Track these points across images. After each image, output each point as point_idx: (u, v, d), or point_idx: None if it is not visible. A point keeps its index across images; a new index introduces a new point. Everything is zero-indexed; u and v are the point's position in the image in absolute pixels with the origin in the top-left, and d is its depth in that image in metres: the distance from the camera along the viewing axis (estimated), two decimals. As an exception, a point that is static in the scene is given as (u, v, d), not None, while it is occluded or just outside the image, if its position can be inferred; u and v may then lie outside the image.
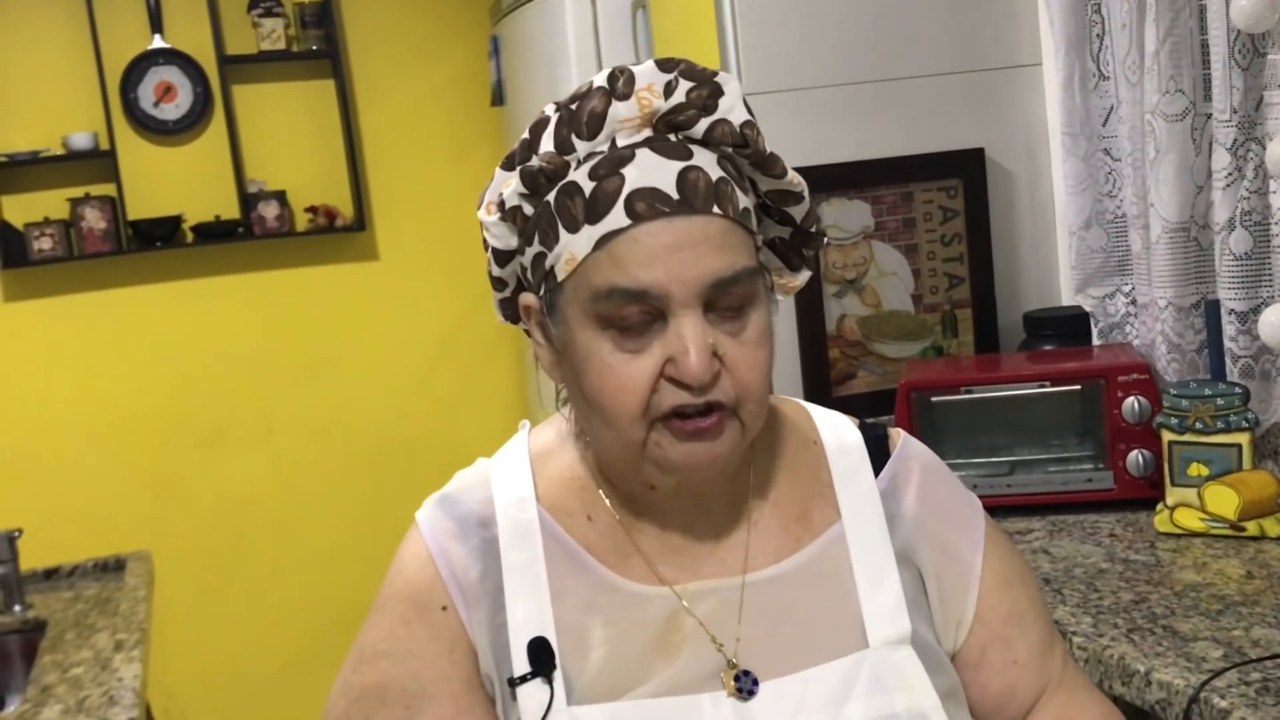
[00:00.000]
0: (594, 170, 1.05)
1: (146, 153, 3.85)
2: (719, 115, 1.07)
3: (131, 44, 3.80)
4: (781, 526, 1.17)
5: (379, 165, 4.11)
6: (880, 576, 1.15)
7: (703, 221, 1.03)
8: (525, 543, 1.13)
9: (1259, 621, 1.59)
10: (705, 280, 1.03)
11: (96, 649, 2.19)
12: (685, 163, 1.05)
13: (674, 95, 1.07)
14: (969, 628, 1.19)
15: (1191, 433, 1.98)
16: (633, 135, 1.06)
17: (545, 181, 1.07)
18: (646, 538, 1.15)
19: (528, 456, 1.19)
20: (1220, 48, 2.01)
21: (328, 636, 4.04)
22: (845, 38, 2.52)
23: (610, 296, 1.03)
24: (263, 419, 4.05)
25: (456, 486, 1.19)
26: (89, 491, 3.88)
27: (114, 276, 3.88)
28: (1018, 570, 1.24)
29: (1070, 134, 2.44)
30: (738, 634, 1.11)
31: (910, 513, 1.20)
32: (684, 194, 1.03)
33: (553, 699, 1.08)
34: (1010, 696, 1.20)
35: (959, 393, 2.21)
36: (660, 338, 1.04)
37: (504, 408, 4.21)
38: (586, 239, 1.03)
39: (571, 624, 1.11)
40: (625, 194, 1.03)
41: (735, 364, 1.05)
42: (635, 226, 1.02)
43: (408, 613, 1.14)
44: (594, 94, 1.07)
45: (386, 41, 4.09)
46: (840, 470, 1.20)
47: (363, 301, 4.12)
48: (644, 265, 1.02)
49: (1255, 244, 2.05)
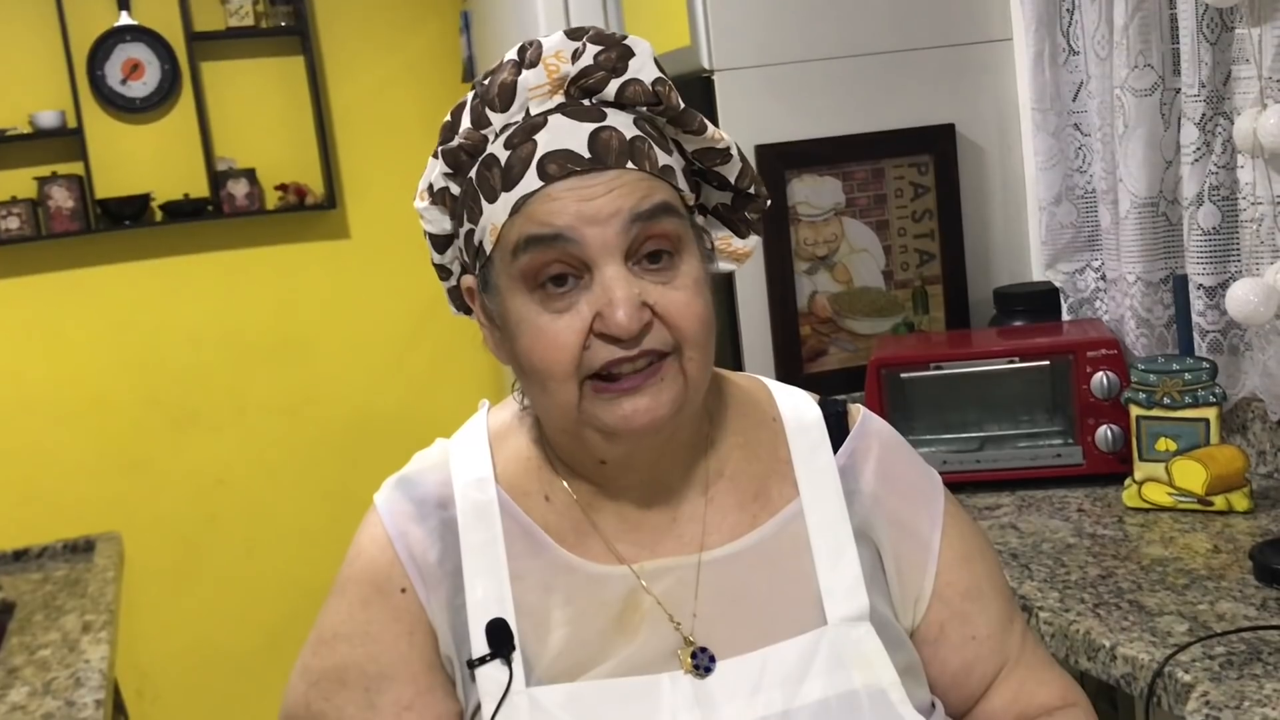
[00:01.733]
0: (509, 140, 1.06)
1: (114, 131, 3.82)
2: (629, 75, 1.08)
3: (98, 21, 3.76)
4: (738, 504, 1.17)
5: (349, 142, 4.09)
6: (838, 553, 1.15)
7: (615, 174, 1.04)
8: (484, 524, 1.13)
9: (1224, 596, 1.60)
10: (621, 218, 1.03)
11: (64, 630, 2.18)
12: (598, 124, 1.05)
13: (581, 59, 1.07)
14: (927, 603, 1.19)
15: (1159, 408, 1.98)
16: (545, 103, 1.07)
17: (466, 158, 1.09)
18: (604, 516, 1.14)
19: (486, 437, 1.19)
20: (1189, 22, 2.01)
21: (300, 616, 4.02)
22: (815, 13, 2.51)
23: (527, 246, 1.03)
24: (234, 398, 4.03)
25: (415, 468, 1.19)
26: (59, 473, 3.86)
27: (82, 256, 3.85)
28: (977, 546, 1.24)
29: (1040, 109, 2.43)
30: (694, 612, 1.11)
31: (869, 489, 1.19)
32: (595, 152, 1.04)
33: (511, 680, 1.07)
34: (968, 672, 1.20)
35: (928, 369, 2.21)
36: (587, 295, 1.03)
37: (477, 386, 4.20)
38: (504, 205, 1.04)
39: (531, 605, 1.10)
40: (538, 158, 1.03)
41: (668, 311, 1.04)
42: (546, 187, 1.03)
43: (367, 594, 1.14)
44: (504, 67, 1.09)
45: (356, 17, 4.06)
46: (799, 447, 1.20)
47: (334, 280, 4.10)
48: (556, 214, 1.02)
49: (1223, 219, 2.05)
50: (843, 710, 1.08)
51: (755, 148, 2.43)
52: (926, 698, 1.16)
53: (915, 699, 1.12)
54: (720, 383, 1.23)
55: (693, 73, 2.55)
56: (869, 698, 1.09)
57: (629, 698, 1.07)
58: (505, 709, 1.06)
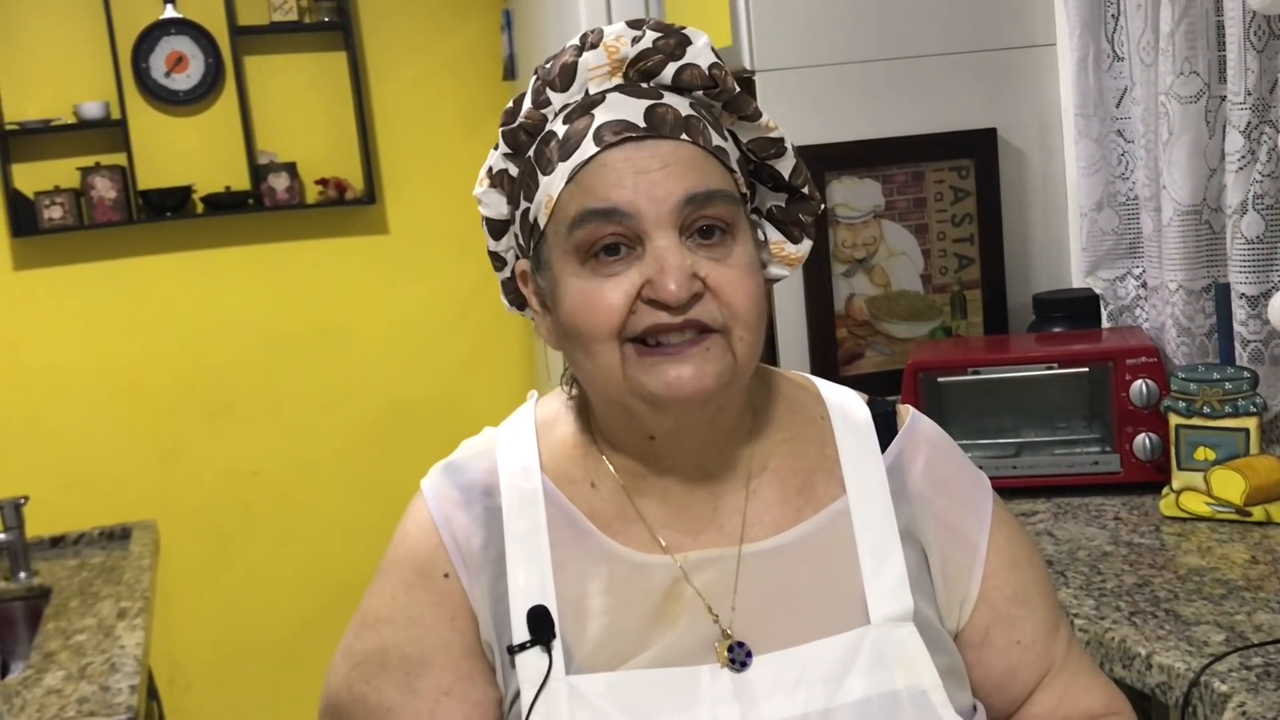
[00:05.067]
0: (567, 116, 1.09)
1: (157, 123, 3.85)
2: (687, 60, 1.10)
3: (143, 13, 3.79)
4: (782, 498, 1.16)
5: (390, 138, 4.10)
6: (884, 553, 1.15)
7: (671, 145, 1.06)
8: (528, 511, 1.13)
9: (1262, 606, 1.59)
10: (676, 196, 1.04)
11: (100, 617, 2.20)
12: (651, 101, 1.07)
13: (641, 43, 1.09)
14: (973, 606, 1.19)
15: (1199, 417, 1.97)
16: (603, 83, 1.10)
17: (525, 138, 1.11)
18: (649, 504, 1.14)
19: (533, 425, 1.20)
20: (1236, 29, 2.00)
21: (333, 608, 4.05)
22: (858, 15, 2.51)
23: (583, 221, 1.04)
24: (271, 390, 4.05)
25: (462, 455, 1.20)
26: (97, 460, 3.89)
27: (124, 246, 3.89)
28: (1025, 551, 1.23)
29: (1083, 115, 2.42)
30: (733, 605, 1.11)
31: (916, 490, 1.19)
32: (651, 123, 1.05)
33: (550, 668, 1.08)
34: (1012, 677, 1.20)
35: (965, 373, 2.20)
36: (639, 264, 1.04)
37: (512, 381, 4.21)
38: (560, 176, 1.06)
39: (572, 593, 1.11)
40: (594, 128, 1.05)
41: (720, 287, 1.05)
42: (603, 153, 1.04)
43: (410, 579, 1.15)
44: (566, 50, 1.11)
45: (398, 14, 4.07)
46: (847, 445, 1.19)
47: (372, 274, 4.12)
48: (613, 186, 1.04)
49: (1267, 228, 2.04)
50: (884, 710, 1.07)
51: (794, 149, 2.42)
52: (968, 701, 1.15)
53: (957, 702, 1.11)
54: (769, 377, 1.23)
55: (734, 73, 2.54)
56: (910, 699, 1.08)
57: (668, 689, 1.07)
58: (545, 696, 1.07)
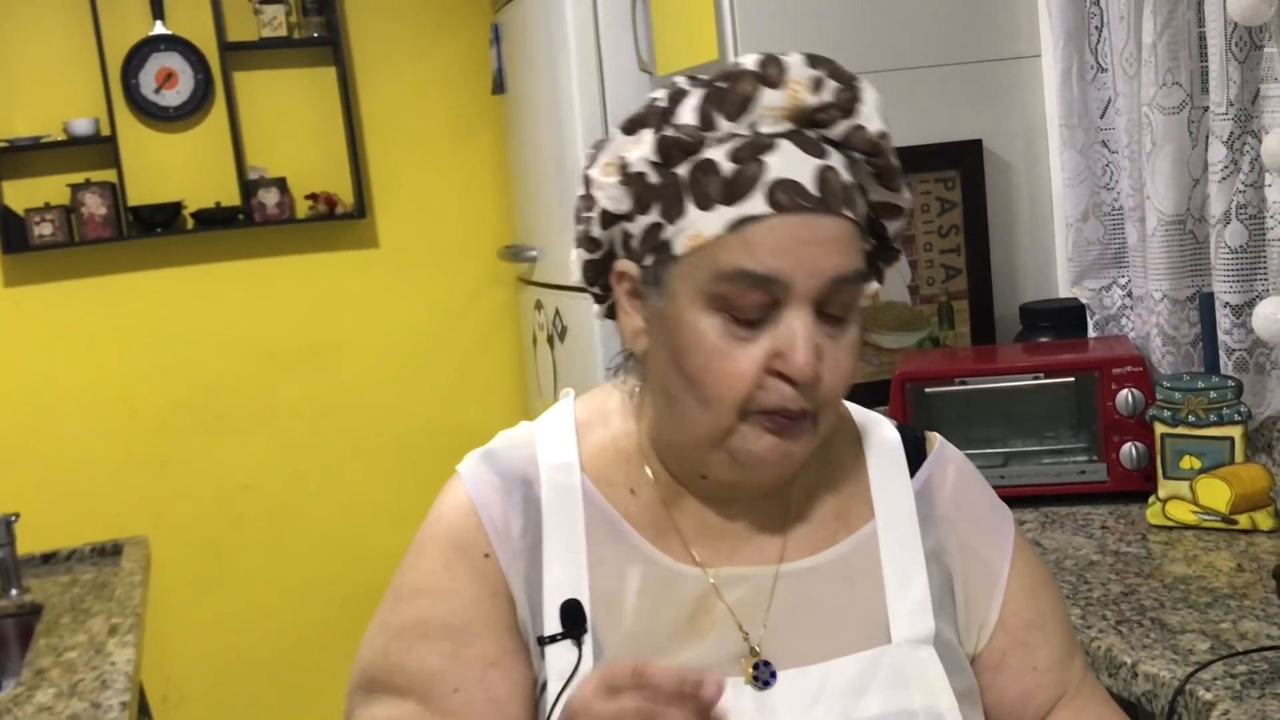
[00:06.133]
0: (735, 152, 1.04)
1: (147, 139, 3.85)
2: (858, 120, 1.08)
3: (133, 30, 3.79)
4: (820, 521, 1.18)
5: (380, 153, 4.11)
6: (908, 576, 1.16)
7: (833, 222, 1.04)
8: (567, 506, 1.14)
9: (1247, 614, 1.60)
10: (827, 276, 1.03)
11: (91, 633, 2.20)
12: (822, 161, 1.05)
13: (822, 93, 1.06)
14: (991, 631, 1.20)
15: (1184, 425, 1.98)
16: (774, 125, 1.06)
17: (679, 153, 1.06)
18: (686, 517, 1.16)
19: (573, 424, 1.19)
20: (1217, 40, 2.01)
21: (327, 622, 4.05)
22: (843, 28, 2.52)
23: (736, 279, 1.03)
24: (262, 405, 4.05)
25: (501, 445, 1.20)
26: (88, 476, 3.89)
27: (114, 262, 3.88)
28: (1044, 579, 1.25)
29: (1068, 126, 2.44)
30: (764, 623, 1.12)
31: (943, 514, 1.21)
32: (823, 192, 1.03)
33: (579, 662, 1.08)
34: (1026, 702, 1.20)
35: (953, 384, 2.21)
36: (770, 330, 1.04)
37: (503, 395, 4.21)
38: (719, 219, 1.03)
39: (605, 591, 1.11)
40: (768, 181, 1.03)
41: (830, 368, 1.06)
42: (775, 216, 1.02)
43: (448, 555, 1.14)
44: (745, 77, 1.06)
45: (388, 29, 4.08)
46: (878, 470, 1.21)
47: (363, 289, 4.12)
48: (776, 253, 1.02)
49: (1250, 237, 2.05)
50: None
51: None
52: None
53: None
54: None
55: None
56: (926, 719, 1.09)
57: None
58: (572, 689, 1.06)
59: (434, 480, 2.48)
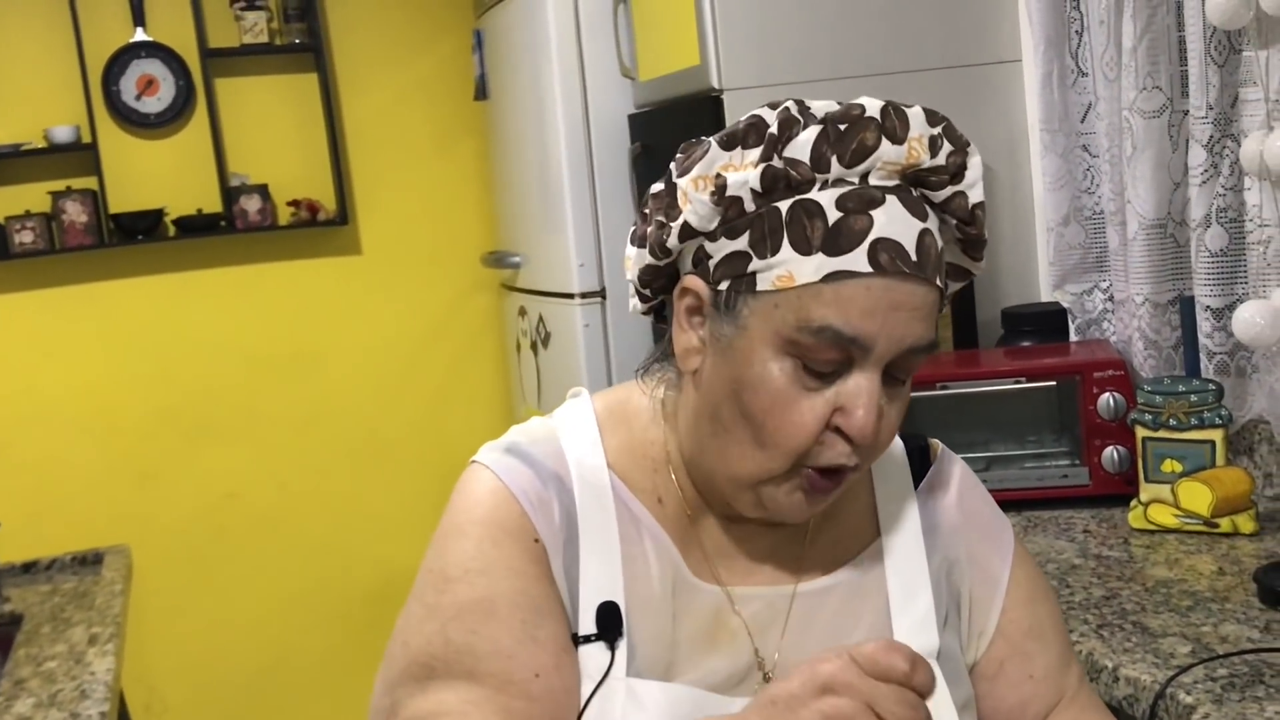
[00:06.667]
0: (842, 200, 1.02)
1: (128, 146, 3.84)
2: (961, 187, 1.07)
3: (114, 37, 3.78)
4: (833, 540, 1.18)
5: (362, 159, 4.10)
6: (913, 590, 1.17)
7: (925, 290, 1.03)
8: (600, 503, 1.12)
9: (1229, 618, 1.60)
10: (906, 343, 1.03)
11: (71, 643, 2.18)
12: (923, 224, 1.03)
13: (938, 155, 1.05)
14: (990, 640, 1.20)
15: (1165, 429, 1.98)
16: (885, 179, 1.03)
17: (785, 188, 1.03)
18: (709, 533, 1.15)
19: (595, 422, 1.17)
20: (1197, 44, 2.02)
21: (312, 631, 4.04)
22: (825, 33, 2.53)
23: (821, 333, 1.01)
24: (246, 413, 4.04)
25: (522, 439, 1.16)
26: (71, 485, 3.87)
27: (95, 270, 3.87)
28: (1042, 588, 1.25)
29: (1049, 130, 2.44)
30: (779, 644, 1.13)
31: (947, 523, 1.21)
32: (920, 258, 1.02)
33: (612, 665, 1.06)
34: (1023, 710, 1.20)
35: (935, 389, 2.21)
36: (839, 385, 1.03)
37: (487, 402, 4.20)
38: (815, 267, 1.01)
39: (638, 593, 1.10)
40: (871, 239, 1.00)
41: (885, 428, 1.06)
42: (873, 276, 1.00)
43: (496, 535, 1.09)
44: (868, 124, 1.03)
45: (369, 35, 4.07)
46: (883, 482, 1.22)
47: (346, 295, 4.11)
48: (866, 315, 1.00)
49: (1230, 241, 2.06)
50: None
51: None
52: None
53: None
54: None
55: (702, 92, 2.56)
56: None
57: (708, 712, 1.06)
58: (602, 693, 1.05)
59: (419, 488, 2.49)
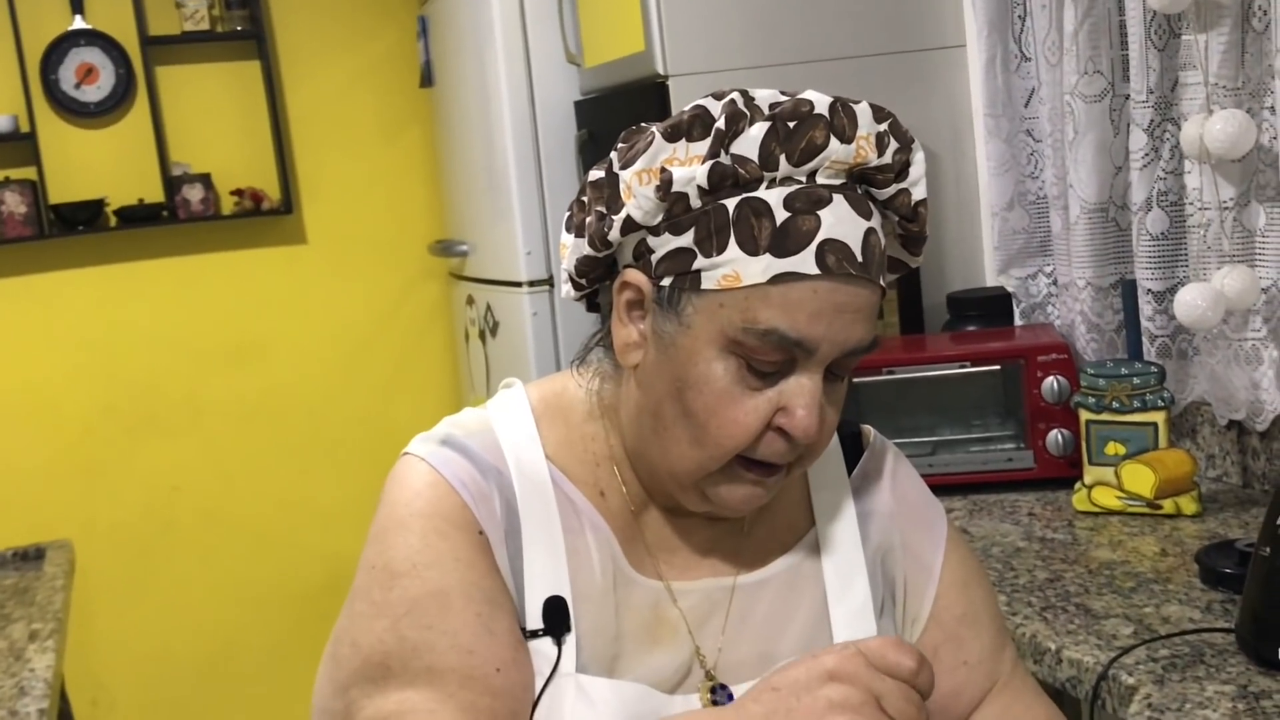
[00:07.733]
0: (790, 200, 1.00)
1: (68, 135, 3.78)
2: (905, 185, 1.06)
3: (52, 24, 3.72)
4: (770, 532, 1.18)
5: (306, 147, 4.06)
6: (850, 579, 1.17)
7: (869, 291, 1.03)
8: (540, 496, 1.10)
9: (1171, 599, 1.61)
10: (849, 344, 1.03)
11: (11, 640, 2.15)
12: (868, 223, 1.02)
13: (884, 153, 1.03)
14: (923, 626, 1.20)
15: (1108, 412, 2.00)
16: (832, 177, 1.02)
17: (732, 186, 1.01)
18: (649, 525, 1.15)
19: (530, 414, 1.15)
20: (1137, 29, 2.03)
21: (258, 624, 4.01)
22: (769, 19, 2.52)
23: (767, 336, 1.00)
24: (190, 405, 3.99)
25: (456, 430, 1.12)
26: (13, 480, 3.81)
27: (35, 261, 3.81)
28: (975, 573, 1.26)
29: (992, 115, 2.45)
30: (720, 638, 1.12)
31: (881, 509, 1.22)
32: (866, 258, 1.01)
33: (559, 662, 1.05)
34: (957, 697, 1.20)
35: (881, 373, 2.22)
36: (781, 384, 1.03)
37: (436, 392, 4.18)
38: (763, 268, 1.00)
39: (582, 587, 1.09)
40: (819, 240, 0.99)
41: (825, 425, 1.06)
42: (820, 279, 0.99)
43: (441, 528, 1.05)
44: (816, 122, 1.01)
45: (312, 21, 4.03)
46: (818, 470, 1.21)
47: (291, 285, 4.07)
48: (813, 319, 1.00)
49: (1171, 224, 2.07)
50: None
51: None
52: None
53: None
54: None
55: (647, 78, 2.55)
56: None
57: (651, 708, 1.06)
58: (551, 690, 1.04)
59: (366, 479, 2.44)
